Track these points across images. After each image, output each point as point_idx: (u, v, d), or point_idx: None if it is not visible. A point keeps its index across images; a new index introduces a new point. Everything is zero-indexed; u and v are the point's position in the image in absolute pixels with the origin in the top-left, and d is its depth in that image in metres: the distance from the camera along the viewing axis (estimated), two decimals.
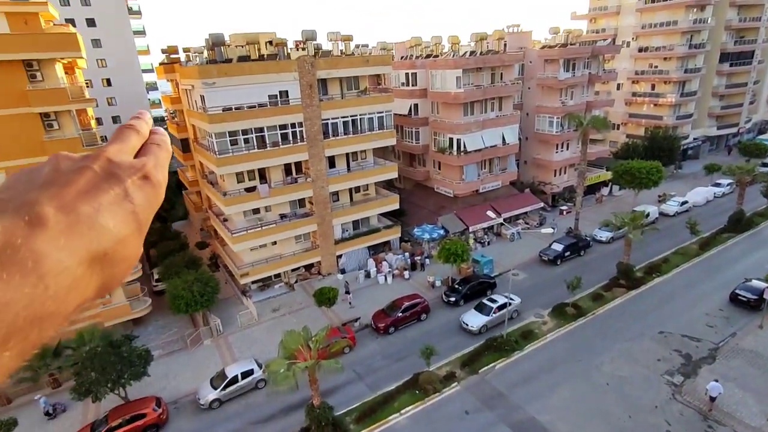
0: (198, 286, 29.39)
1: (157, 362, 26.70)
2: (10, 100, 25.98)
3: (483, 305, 30.60)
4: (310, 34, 36.45)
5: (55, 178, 0.62)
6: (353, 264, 39.07)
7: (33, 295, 0.50)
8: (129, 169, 0.69)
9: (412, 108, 45.11)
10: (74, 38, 28.04)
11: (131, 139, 0.74)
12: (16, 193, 0.58)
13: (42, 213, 0.56)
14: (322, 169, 35.75)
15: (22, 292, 0.49)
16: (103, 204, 0.62)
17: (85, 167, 0.65)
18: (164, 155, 0.78)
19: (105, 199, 0.62)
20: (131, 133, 0.75)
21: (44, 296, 0.51)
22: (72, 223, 0.57)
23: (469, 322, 29.70)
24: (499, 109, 44.77)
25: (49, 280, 0.52)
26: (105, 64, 56.12)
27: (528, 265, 38.35)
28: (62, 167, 0.64)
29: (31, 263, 0.51)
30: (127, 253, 0.63)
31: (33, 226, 0.54)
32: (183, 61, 40.94)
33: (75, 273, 0.55)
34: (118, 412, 23.21)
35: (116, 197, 0.64)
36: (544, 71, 48.00)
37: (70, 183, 0.61)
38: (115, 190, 0.64)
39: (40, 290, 0.51)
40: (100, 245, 0.59)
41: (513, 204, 45.63)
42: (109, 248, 0.60)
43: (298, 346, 21.63)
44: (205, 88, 30.45)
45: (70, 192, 0.60)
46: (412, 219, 44.49)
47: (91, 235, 0.58)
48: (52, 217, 0.56)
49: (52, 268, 0.52)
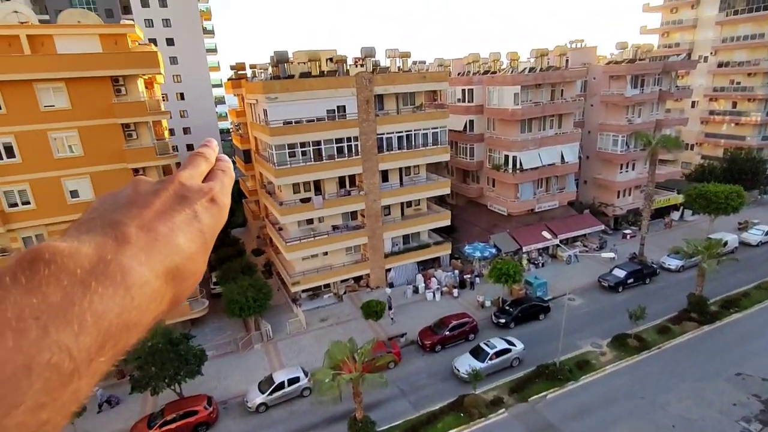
0: (252, 292, 30.51)
1: (211, 362, 27.86)
2: (99, 112, 28.71)
3: (479, 350, 27.36)
4: (369, 51, 37.39)
5: (136, 200, 0.69)
6: (402, 278, 38.93)
7: (122, 306, 0.55)
8: (198, 192, 0.75)
9: (468, 124, 44.72)
10: (155, 56, 30.65)
11: (200, 165, 0.82)
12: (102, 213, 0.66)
13: (126, 232, 0.63)
14: (375, 183, 36.18)
15: (114, 303, 0.54)
16: (176, 224, 0.69)
17: (161, 190, 0.72)
18: (228, 181, 0.85)
19: (178, 220, 0.69)
20: (201, 159, 0.83)
21: (131, 307, 0.56)
22: (151, 240, 0.64)
23: (461, 368, 26.41)
24: (558, 127, 43.32)
25: (134, 292, 0.57)
26: (180, 80, 60.71)
27: (585, 291, 36.32)
28: (141, 190, 0.72)
29: (119, 277, 0.56)
30: (195, 268, 0.69)
31: (119, 244, 0.60)
32: (249, 76, 43.41)
33: (154, 286, 0.60)
34: (173, 407, 24.39)
35: (187, 218, 0.70)
36: (609, 88, 45.95)
37: (149, 205, 0.68)
38: (187, 212, 0.71)
39: (128, 301, 0.56)
40: (173, 261, 0.65)
41: (571, 225, 43.62)
42: (180, 264, 0.66)
43: (344, 357, 21.75)
44: (268, 103, 31.99)
45: (149, 213, 0.67)
46: (464, 236, 43.74)
47: (166, 252, 0.64)
48: (134, 236, 0.63)
49: (137, 281, 0.58)
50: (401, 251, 39.07)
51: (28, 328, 0.47)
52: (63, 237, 0.62)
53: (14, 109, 26.95)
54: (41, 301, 0.50)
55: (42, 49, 28.75)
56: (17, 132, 27.26)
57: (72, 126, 28.38)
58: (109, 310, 0.53)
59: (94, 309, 0.52)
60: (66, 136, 28.51)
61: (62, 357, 0.48)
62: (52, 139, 28.19)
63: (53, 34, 29.31)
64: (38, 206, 28.59)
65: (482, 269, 39.00)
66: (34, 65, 27.02)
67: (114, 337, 0.53)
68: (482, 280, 37.32)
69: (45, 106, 27.70)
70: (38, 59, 27.49)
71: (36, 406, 0.45)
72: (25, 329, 0.47)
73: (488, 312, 33.65)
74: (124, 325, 0.55)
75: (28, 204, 28.49)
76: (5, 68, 26.16)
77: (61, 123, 28.09)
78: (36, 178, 28.19)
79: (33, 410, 0.44)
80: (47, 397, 0.46)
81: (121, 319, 0.54)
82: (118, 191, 0.73)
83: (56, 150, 28.43)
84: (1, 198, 27.81)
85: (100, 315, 0.52)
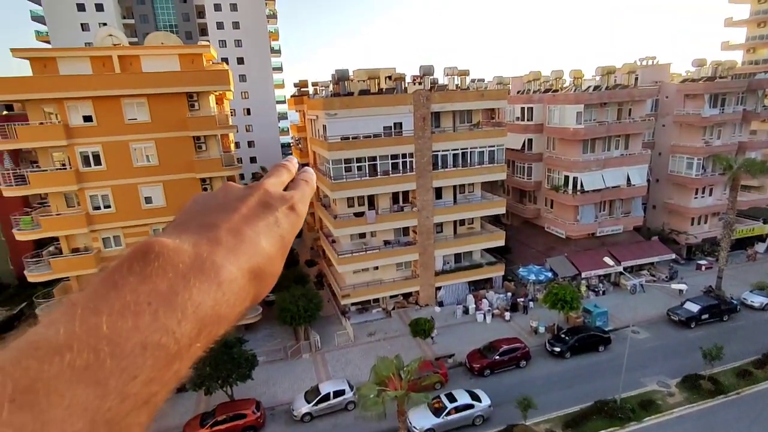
0: (303, 302, 31.22)
1: (261, 367, 28.62)
2: (174, 125, 31.09)
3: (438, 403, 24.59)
4: (427, 69, 37.72)
5: (225, 204, 0.77)
6: (451, 298, 38.17)
7: (215, 299, 0.62)
8: (280, 200, 0.83)
9: (526, 143, 43.58)
10: (226, 74, 32.85)
11: (283, 175, 0.91)
12: (196, 216, 0.73)
13: (218, 234, 0.69)
14: (429, 200, 36.04)
15: (208, 296, 0.61)
16: (260, 228, 0.75)
17: (248, 196, 0.80)
18: (309, 191, 0.93)
19: (262, 225, 0.76)
20: (283, 170, 0.93)
21: (222, 300, 0.63)
22: (238, 243, 0.70)
23: (415, 424, 23.64)
24: (624, 147, 41.09)
25: (225, 288, 0.64)
26: (247, 96, 64.46)
27: (652, 324, 33.64)
28: (230, 196, 0.80)
29: (213, 273, 0.63)
30: (274, 270, 0.75)
31: (213, 244, 0.67)
32: (311, 93, 45.22)
33: (240, 283, 0.67)
34: (224, 409, 25.25)
35: (269, 224, 0.77)
36: (684, 107, 43.05)
37: (237, 209, 0.75)
38: (269, 218, 0.78)
39: (219, 295, 0.62)
40: (257, 262, 0.71)
41: (636, 252, 40.83)
42: (262, 264, 0.72)
43: (390, 374, 21.54)
44: (328, 119, 33.05)
45: (237, 217, 0.74)
46: (518, 258, 42.26)
47: (251, 253, 0.71)
48: (225, 238, 0.69)
49: (227, 278, 0.64)
50: (452, 270, 38.41)
51: (143, 311, 0.54)
52: (165, 233, 0.69)
53: (103, 121, 29.83)
54: (152, 289, 0.57)
55: (130, 68, 31.73)
56: (104, 142, 30.09)
57: (150, 138, 30.92)
58: (205, 302, 0.60)
59: (193, 300, 0.59)
60: (145, 146, 31.09)
61: (169, 339, 0.54)
62: (132, 149, 30.84)
63: (140, 55, 32.30)
64: (117, 210, 31.22)
65: (536, 293, 37.37)
66: (122, 82, 29.87)
67: (208, 327, 0.60)
68: (536, 304, 35.76)
69: (129, 119, 30.45)
70: (126, 77, 30.36)
71: (148, 380, 0.51)
72: (141, 312, 0.54)
73: (542, 339, 32.06)
74: (216, 317, 0.62)
75: (109, 207, 31.19)
76: (99, 85, 29.14)
77: (141, 135, 30.70)
78: (117, 184, 30.86)
79: (146, 383, 0.51)
80: (156, 373, 0.52)
81: (214, 311, 0.61)
82: (210, 194, 0.80)
83: (135, 159, 31.04)
84: (88, 201, 30.66)
85: (198, 306, 0.59)
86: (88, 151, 30.01)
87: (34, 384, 0.44)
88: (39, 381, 0.44)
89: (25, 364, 0.45)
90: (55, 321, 0.51)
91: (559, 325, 32.54)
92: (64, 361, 0.46)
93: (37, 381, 0.44)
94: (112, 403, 0.47)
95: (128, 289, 0.56)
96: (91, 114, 29.65)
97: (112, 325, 0.51)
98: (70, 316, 0.51)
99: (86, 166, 30.10)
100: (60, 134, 28.73)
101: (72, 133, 29.26)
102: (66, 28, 57.03)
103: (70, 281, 31.67)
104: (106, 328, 0.51)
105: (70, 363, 0.46)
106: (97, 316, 0.51)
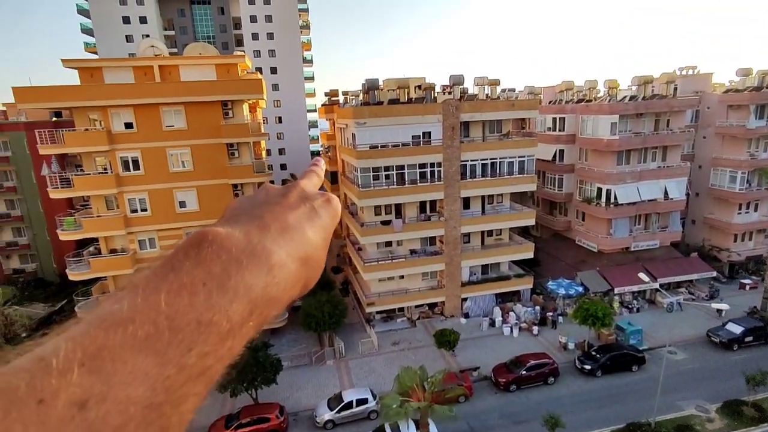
0: (328, 308, 31.38)
1: (285, 372, 28.85)
2: (209, 132, 32.12)
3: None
4: (457, 79, 37.64)
5: (268, 199, 0.84)
6: (478, 309, 37.55)
7: (266, 282, 0.66)
8: (316, 194, 0.90)
9: (557, 153, 42.74)
10: (260, 84, 33.74)
11: (314, 178, 1.01)
12: (244, 210, 0.80)
13: (266, 222, 0.75)
14: (456, 210, 35.74)
15: (260, 279, 0.65)
16: (302, 218, 0.81)
17: (288, 193, 0.87)
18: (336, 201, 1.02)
19: (303, 215, 0.82)
20: (314, 174, 1.02)
21: (272, 283, 0.67)
22: (284, 229, 0.76)
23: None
24: (662, 160, 39.69)
25: (276, 271, 0.68)
26: (279, 105, 65.94)
27: (690, 344, 32.07)
28: (271, 193, 0.87)
29: (264, 257, 0.68)
30: (318, 257, 0.81)
31: (262, 231, 0.73)
32: (341, 102, 45.86)
33: (291, 268, 0.71)
34: (249, 411, 25.56)
35: (310, 213, 0.84)
36: (727, 118, 41.30)
37: (280, 203, 0.83)
38: (309, 209, 0.84)
39: (270, 278, 0.67)
40: (305, 249, 0.77)
41: (674, 269, 39.15)
42: (310, 252, 0.78)
43: (413, 384, 21.32)
44: (357, 127, 33.40)
45: (281, 209, 0.81)
46: (547, 271, 41.24)
47: (298, 240, 0.76)
48: (272, 226, 0.75)
49: (277, 262, 0.69)
50: (479, 281, 37.83)
51: (198, 291, 0.59)
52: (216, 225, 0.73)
53: (143, 128, 31.14)
54: (206, 271, 0.62)
55: (169, 78, 33.06)
56: (143, 148, 31.38)
57: (186, 144, 32.04)
58: (256, 284, 0.64)
59: (245, 282, 0.63)
60: (181, 152, 32.22)
61: (221, 317, 0.59)
62: (169, 155, 32.01)
63: (179, 65, 33.63)
64: (153, 213, 32.38)
65: (566, 308, 36.31)
66: (162, 91, 31.15)
67: (259, 307, 0.64)
68: (565, 319, 34.72)
69: (166, 126, 31.66)
70: (165, 86, 31.64)
71: (202, 353, 0.56)
72: (196, 292, 0.59)
73: (571, 355, 31.05)
74: (267, 299, 0.65)
75: (146, 211, 32.40)
76: (141, 94, 30.49)
77: (177, 141, 31.85)
78: (154, 188, 32.05)
79: (201, 356, 0.56)
80: (210, 348, 0.57)
81: (265, 293, 0.65)
82: (252, 195, 0.88)
83: (172, 165, 32.19)
84: (126, 204, 31.96)
85: (250, 287, 0.63)
86: (128, 156, 31.37)
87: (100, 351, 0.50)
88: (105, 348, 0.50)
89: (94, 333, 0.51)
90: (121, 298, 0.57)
91: (589, 342, 31.47)
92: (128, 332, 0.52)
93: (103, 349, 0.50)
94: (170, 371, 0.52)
95: (185, 272, 0.61)
96: (132, 121, 31.03)
97: (170, 303, 0.57)
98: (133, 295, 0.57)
99: (126, 171, 31.44)
100: (103, 140, 30.16)
101: (114, 139, 30.67)
102: (112, 40, 60.11)
103: (107, 280, 32.97)
104: (165, 305, 0.56)
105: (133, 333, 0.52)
106: (156, 294, 0.57)
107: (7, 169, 42.97)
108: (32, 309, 36.87)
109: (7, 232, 44.60)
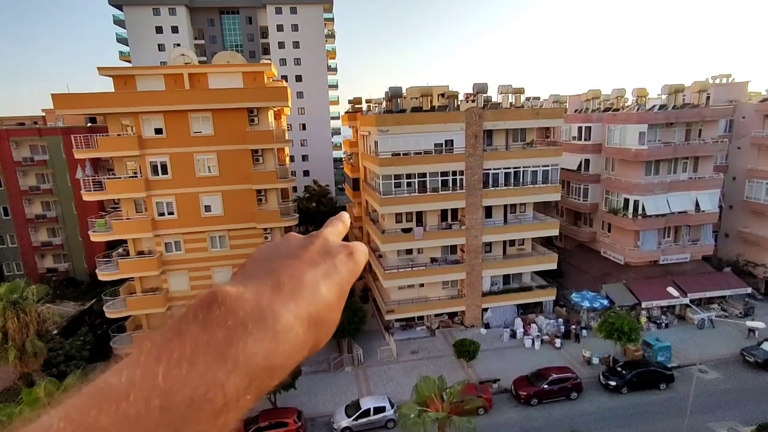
0: (348, 314, 31.44)
1: (303, 377, 28.95)
2: (235, 139, 32.85)
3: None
4: (481, 87, 37.44)
5: (289, 252, 0.79)
6: (498, 320, 36.96)
7: (270, 349, 0.61)
8: (339, 248, 0.85)
9: (583, 163, 41.93)
10: (285, 91, 34.38)
11: (339, 227, 0.96)
12: (260, 264, 0.76)
13: (280, 280, 0.70)
14: (478, 218, 35.40)
15: (263, 346, 0.61)
16: (320, 275, 0.76)
17: (310, 244, 0.82)
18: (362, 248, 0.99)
19: (321, 271, 0.77)
20: (339, 223, 0.98)
21: (276, 350, 0.62)
22: (298, 289, 0.71)
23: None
24: (693, 170, 38.47)
25: (281, 337, 0.63)
26: (304, 112, 66.96)
27: (722, 363, 30.74)
28: (293, 244, 0.83)
29: (270, 321, 0.63)
30: (332, 317, 0.76)
31: (274, 291, 0.68)
32: (364, 110, 46.19)
33: (298, 332, 0.66)
34: (267, 415, 25.70)
35: (329, 270, 0.78)
36: (764, 128, 39.77)
37: (299, 257, 0.77)
38: (329, 264, 0.79)
39: (274, 345, 0.62)
40: (316, 308, 0.71)
41: (705, 284, 37.70)
42: (321, 311, 0.72)
43: (432, 394, 21.09)
44: (380, 135, 33.56)
45: (299, 264, 0.75)
46: (570, 282, 40.31)
47: (310, 300, 0.71)
48: (286, 283, 0.70)
49: (284, 327, 0.64)
50: (500, 291, 37.28)
51: (197, 361, 0.56)
52: (231, 281, 0.70)
53: (172, 133, 32.09)
54: (210, 338, 0.58)
55: (198, 85, 34.02)
56: (172, 153, 32.31)
57: (213, 150, 32.82)
58: (258, 353, 0.60)
59: (246, 350, 0.59)
60: (207, 158, 33.03)
61: (216, 392, 0.55)
62: (196, 160, 32.85)
63: (207, 72, 34.58)
64: (179, 217, 33.21)
65: (590, 321, 35.36)
66: (191, 98, 32.07)
67: (258, 379, 0.60)
68: (590, 333, 33.82)
69: (194, 132, 32.54)
70: (194, 93, 32.57)
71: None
72: (196, 363, 0.56)
73: (595, 371, 30.18)
74: (268, 368, 0.61)
75: (172, 214, 33.25)
76: (171, 100, 31.49)
77: (204, 147, 32.67)
78: (181, 192, 32.90)
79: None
80: (201, 427, 0.53)
81: (266, 363, 0.60)
82: (274, 244, 0.84)
83: (198, 169, 33.01)
84: (154, 207, 32.89)
85: (250, 357, 0.59)
86: (157, 161, 32.33)
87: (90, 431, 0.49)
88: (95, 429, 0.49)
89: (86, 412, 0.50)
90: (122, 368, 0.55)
91: (614, 357, 30.53)
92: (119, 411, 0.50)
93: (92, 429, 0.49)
94: None
95: (189, 337, 0.58)
96: (161, 126, 32.02)
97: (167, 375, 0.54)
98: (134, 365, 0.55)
99: (155, 175, 32.40)
100: (134, 145, 31.21)
101: (144, 144, 31.69)
102: (145, 49, 62.39)
103: (134, 281, 33.90)
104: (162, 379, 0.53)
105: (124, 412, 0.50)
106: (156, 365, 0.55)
107: (45, 172, 44.88)
108: (63, 307, 38.19)
109: (42, 233, 46.48)
